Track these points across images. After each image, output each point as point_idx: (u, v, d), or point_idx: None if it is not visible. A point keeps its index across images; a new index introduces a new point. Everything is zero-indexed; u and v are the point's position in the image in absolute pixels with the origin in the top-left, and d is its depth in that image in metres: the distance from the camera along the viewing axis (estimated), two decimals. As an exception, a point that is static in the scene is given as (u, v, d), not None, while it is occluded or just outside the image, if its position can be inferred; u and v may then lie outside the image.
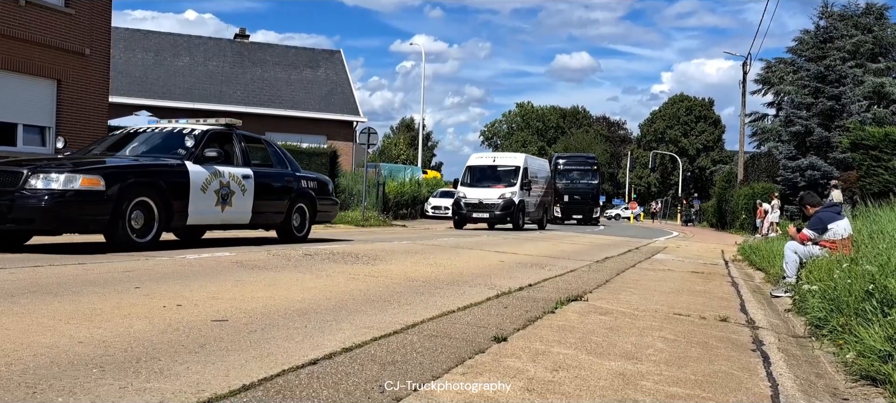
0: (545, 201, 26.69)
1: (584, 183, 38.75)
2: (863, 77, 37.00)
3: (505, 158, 25.27)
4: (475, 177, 23.81)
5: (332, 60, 38.58)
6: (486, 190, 22.88)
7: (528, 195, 23.78)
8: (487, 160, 25.25)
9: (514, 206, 22.50)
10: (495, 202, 22.47)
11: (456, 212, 23.14)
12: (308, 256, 8.52)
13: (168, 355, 3.28)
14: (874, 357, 3.87)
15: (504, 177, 23.50)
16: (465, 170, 24.55)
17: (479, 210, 22.57)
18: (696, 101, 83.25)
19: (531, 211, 24.26)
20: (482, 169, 24.34)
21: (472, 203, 22.73)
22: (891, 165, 16.99)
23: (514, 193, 22.70)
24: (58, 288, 5.06)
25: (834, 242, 7.93)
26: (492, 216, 22.37)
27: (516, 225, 22.64)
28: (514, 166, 24.00)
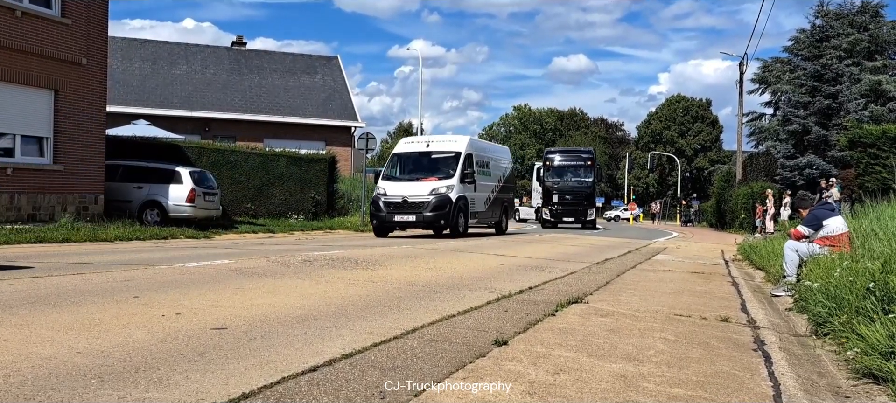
0: (503, 199, 21.67)
1: (577, 180, 32.50)
2: (859, 75, 37.10)
3: (442, 142, 19.51)
4: (404, 168, 18.83)
5: (329, 66, 38.62)
6: (414, 184, 17.78)
7: (474, 190, 18.77)
8: (419, 145, 19.55)
9: (451, 205, 17.21)
10: (424, 200, 17.20)
11: (374, 215, 17.80)
12: (307, 262, 8.51)
13: (167, 364, 3.27)
14: (876, 354, 3.86)
15: (440, 166, 18.32)
16: (391, 159, 19.39)
17: (403, 211, 17.28)
18: (693, 102, 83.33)
19: (480, 210, 19.40)
20: (412, 157, 19.05)
21: (393, 202, 17.36)
22: (888, 163, 17.00)
23: (451, 187, 17.43)
24: (56, 299, 5.04)
25: (832, 238, 7.93)
26: (420, 218, 17.16)
27: (455, 229, 17.40)
28: (452, 152, 18.50)
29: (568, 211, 31.83)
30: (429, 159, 18.79)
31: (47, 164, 15.39)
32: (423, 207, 17.19)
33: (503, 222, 21.71)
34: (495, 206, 20.82)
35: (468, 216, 18.24)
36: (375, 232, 17.98)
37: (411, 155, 19.20)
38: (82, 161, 15.92)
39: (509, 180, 23.08)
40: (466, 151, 18.52)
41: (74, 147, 15.81)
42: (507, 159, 23.40)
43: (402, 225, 17.64)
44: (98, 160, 16.36)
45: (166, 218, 16.46)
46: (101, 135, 16.71)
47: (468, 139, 19.47)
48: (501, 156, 22.88)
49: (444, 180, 17.72)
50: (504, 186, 21.94)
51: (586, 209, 32.10)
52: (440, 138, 20.30)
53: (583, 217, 31.88)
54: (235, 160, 21.44)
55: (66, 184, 15.57)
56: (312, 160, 23.88)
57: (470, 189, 18.48)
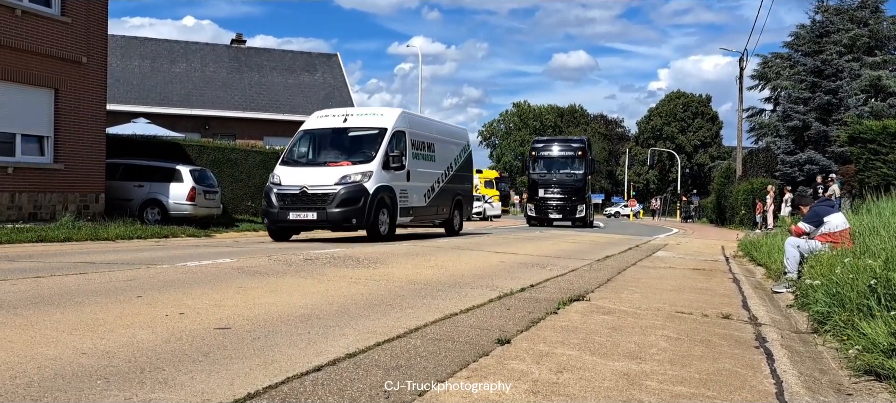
0: (456, 191, 17.67)
1: (566, 172, 28.82)
2: (860, 71, 37.09)
3: (364, 116, 15.33)
4: (312, 149, 14.90)
5: (329, 64, 38.60)
6: (319, 170, 13.75)
7: (407, 179, 14.75)
8: (334, 120, 15.17)
9: (367, 198, 13.26)
10: (330, 191, 13.17)
11: (265, 213, 13.95)
12: (309, 261, 8.52)
13: (172, 364, 3.28)
14: (878, 352, 3.87)
15: (359, 147, 14.39)
16: (295, 138, 15.12)
17: (300, 206, 13.22)
18: (693, 98, 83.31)
19: (417, 205, 15.39)
20: (323, 135, 14.91)
21: (288, 194, 13.35)
22: (889, 158, 17.01)
23: (368, 174, 13.43)
24: (60, 299, 5.06)
25: (832, 235, 7.95)
26: (322, 216, 13.13)
27: (373, 230, 13.57)
28: (375, 129, 14.45)
29: (556, 207, 28.49)
30: (345, 138, 14.68)
31: (48, 163, 15.40)
32: (328, 201, 13.08)
33: (456, 220, 17.67)
34: (443, 200, 16.82)
35: (396, 212, 14.24)
36: (271, 235, 13.94)
37: (322, 132, 14.89)
38: (83, 160, 15.93)
39: (465, 168, 18.85)
40: (395, 128, 14.45)
41: (75, 146, 15.81)
42: (461, 141, 18.93)
43: (298, 225, 13.54)
44: (98, 159, 16.39)
45: (167, 217, 16.48)
46: (102, 134, 16.71)
47: (399, 112, 15.31)
48: (453, 138, 18.39)
49: (360, 165, 13.59)
50: (457, 175, 17.83)
51: (576, 205, 28.52)
52: (362, 111, 16.07)
53: (572, 213, 28.42)
54: (235, 158, 21.45)
55: (66, 182, 15.58)
56: (313, 158, 23.88)
57: (399, 177, 14.40)
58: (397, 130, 14.65)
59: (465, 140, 19.44)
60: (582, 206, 28.49)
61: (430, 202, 16.14)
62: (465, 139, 19.54)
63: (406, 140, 14.96)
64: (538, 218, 28.59)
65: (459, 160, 18.31)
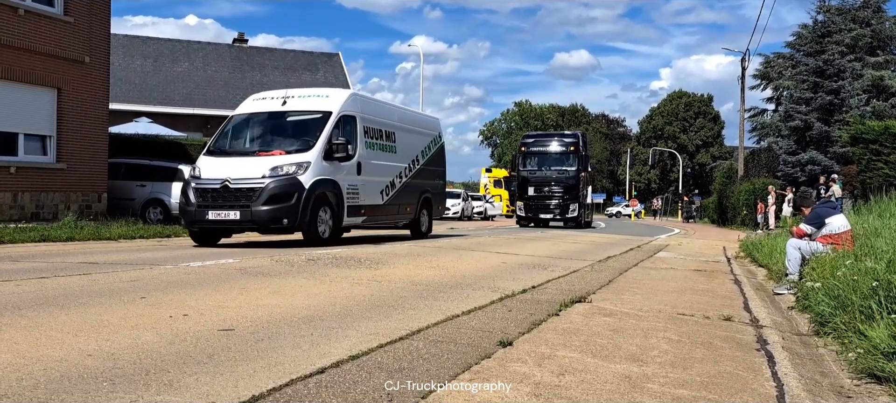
0: (424, 188, 15.66)
1: (558, 169, 27.13)
2: (862, 70, 37.07)
3: (306, 99, 13.10)
4: (243, 136, 12.86)
5: (330, 63, 38.64)
6: (246, 160, 11.68)
7: (358, 173, 12.69)
8: (272, 102, 13.06)
9: (302, 194, 11.21)
10: (256, 185, 11.08)
11: (182, 212, 11.78)
12: (311, 261, 8.55)
13: (177, 366, 3.30)
14: (879, 355, 3.88)
15: (297, 133, 12.40)
16: (227, 122, 13.16)
17: (220, 204, 11.13)
18: (695, 97, 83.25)
19: (373, 202, 13.38)
20: (257, 119, 12.88)
21: (208, 189, 11.29)
22: (891, 159, 17.01)
23: (305, 166, 11.40)
24: (64, 300, 5.08)
25: (834, 236, 7.96)
26: (247, 215, 11.00)
27: (310, 233, 11.52)
28: (318, 112, 12.44)
29: (546, 206, 26.93)
30: (282, 123, 12.65)
31: (50, 163, 15.45)
32: (254, 197, 10.97)
33: (423, 221, 15.74)
34: (407, 198, 14.85)
35: (342, 212, 12.16)
36: (193, 238, 11.94)
37: (257, 117, 12.85)
38: (85, 159, 15.98)
39: (436, 162, 16.58)
40: (342, 112, 12.43)
41: (77, 145, 15.86)
42: (431, 131, 16.64)
43: (217, 227, 11.35)
44: (101, 158, 16.44)
45: (169, 217, 16.51)
46: (104, 134, 16.76)
47: (349, 94, 13.39)
48: (421, 127, 16.21)
49: (296, 154, 11.52)
50: (425, 170, 15.74)
51: (568, 203, 26.82)
52: (307, 92, 13.53)
53: (564, 213, 26.80)
54: (238, 158, 21.42)
55: (69, 182, 15.63)
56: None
57: (347, 170, 12.31)
58: (345, 115, 12.57)
59: (435, 130, 17.09)
60: (575, 205, 26.94)
61: (389, 200, 14.10)
62: (436, 129, 17.19)
63: (357, 127, 12.84)
64: (528, 218, 27.21)
65: (428, 152, 16.14)
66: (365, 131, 13.21)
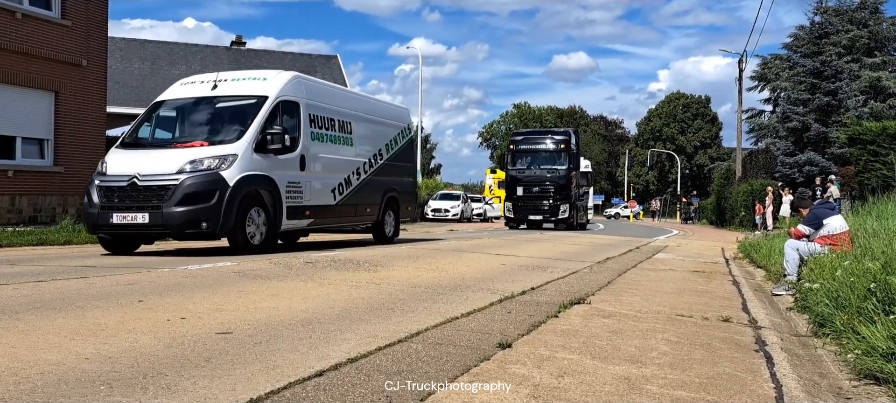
0: (389, 186, 13.97)
1: (548, 168, 26.11)
2: (859, 72, 37.13)
3: (241, 83, 11.29)
4: (166, 125, 11.41)
5: (328, 65, 38.64)
6: (160, 153, 10.21)
7: (302, 168, 11.13)
8: (202, 87, 11.34)
9: (224, 193, 9.56)
10: (169, 182, 9.50)
11: (85, 215, 10.32)
12: (310, 264, 8.53)
13: (174, 370, 3.29)
14: (877, 355, 3.88)
15: (227, 122, 10.73)
16: (147, 111, 11.53)
17: (126, 205, 9.53)
18: (693, 99, 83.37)
19: (324, 203, 11.79)
20: (183, 106, 11.31)
21: (113, 187, 9.71)
22: (889, 160, 17.03)
23: (228, 159, 9.76)
24: (61, 304, 5.07)
25: (832, 237, 7.97)
26: (157, 218, 9.40)
27: (237, 240, 9.91)
28: (252, 97, 10.78)
29: (536, 207, 25.91)
30: (210, 110, 10.98)
31: (48, 166, 15.43)
32: (165, 197, 9.37)
33: (388, 224, 14.12)
34: (367, 198, 13.17)
35: (281, 213, 10.57)
36: (103, 245, 10.35)
37: (182, 104, 11.25)
38: (83, 163, 15.97)
39: (405, 157, 14.94)
40: (281, 97, 10.85)
41: (75, 148, 15.85)
42: (398, 123, 14.81)
43: (124, 231, 9.72)
44: (98, 161, 16.39)
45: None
46: (102, 137, 16.76)
47: (291, 76, 11.51)
48: (386, 117, 14.43)
49: (220, 146, 9.93)
50: (390, 165, 14.06)
51: (559, 204, 25.75)
52: (241, 75, 11.72)
53: (554, 214, 25.74)
54: (236, 160, 21.41)
55: (66, 185, 15.61)
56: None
57: (287, 164, 10.72)
58: (286, 100, 10.94)
59: (404, 121, 15.23)
60: (566, 206, 25.91)
61: (343, 199, 12.36)
62: (405, 120, 15.38)
63: (301, 114, 11.21)
64: (517, 220, 26.27)
65: (395, 146, 14.36)
66: (311, 120, 11.54)
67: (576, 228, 26.53)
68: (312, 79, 13.16)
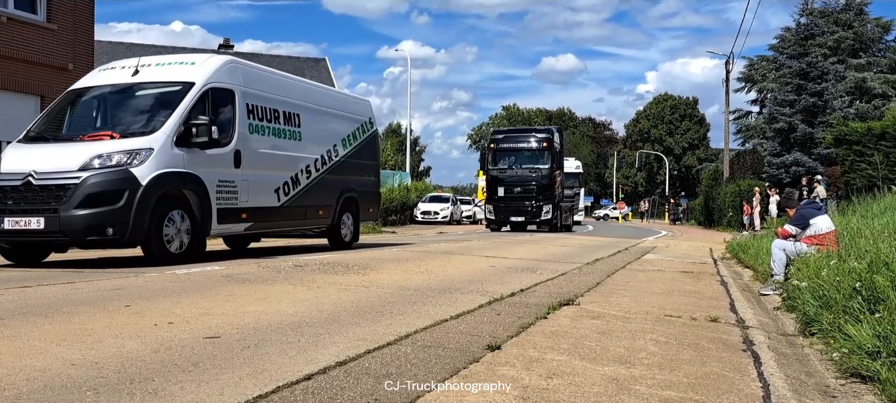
0: (345, 186, 12.74)
1: (529, 167, 25.16)
2: (844, 73, 37.49)
3: (164, 67, 10.05)
4: (78, 117, 9.90)
5: (317, 68, 38.58)
6: (60, 149, 8.85)
7: (237, 166, 9.87)
8: (122, 73, 10.00)
9: (134, 194, 8.32)
10: (68, 181, 8.22)
11: None
12: (298, 267, 8.51)
13: (161, 375, 3.27)
14: (863, 354, 3.91)
15: (145, 111, 9.51)
16: (57, 101, 10.14)
17: (21, 207, 8.26)
18: (680, 100, 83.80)
19: (261, 205, 10.49)
20: (100, 95, 9.87)
21: (6, 187, 8.41)
22: (874, 160, 17.18)
23: (141, 154, 8.53)
24: (47, 309, 5.03)
25: (819, 237, 8.03)
26: (55, 222, 8.10)
27: (152, 248, 8.66)
28: (175, 84, 9.56)
29: (517, 209, 24.91)
30: (128, 99, 9.70)
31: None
32: (64, 198, 8.13)
33: (346, 228, 12.88)
34: (319, 198, 11.99)
35: (210, 217, 9.33)
36: (3, 255, 9.05)
37: (98, 92, 9.86)
38: (70, 167, 15.84)
39: (364, 153, 13.60)
40: (211, 83, 9.59)
41: (61, 153, 15.71)
42: (359, 116, 13.58)
43: (19, 240, 8.51)
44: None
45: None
46: (89, 141, 16.61)
47: (223, 61, 10.26)
48: (342, 110, 13.22)
49: (132, 139, 8.69)
50: (348, 163, 12.88)
51: (541, 205, 24.73)
52: (167, 59, 10.40)
53: (536, 215, 24.78)
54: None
55: (53, 190, 15.47)
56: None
57: (218, 161, 9.52)
58: (217, 87, 9.69)
59: (364, 115, 13.85)
60: (549, 207, 24.89)
61: (290, 200, 11.15)
62: (366, 113, 13.97)
63: (236, 104, 9.95)
64: (498, 222, 25.29)
65: (354, 142, 13.13)
66: (250, 110, 10.31)
67: (560, 230, 25.83)
68: (252, 64, 11.64)
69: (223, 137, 9.62)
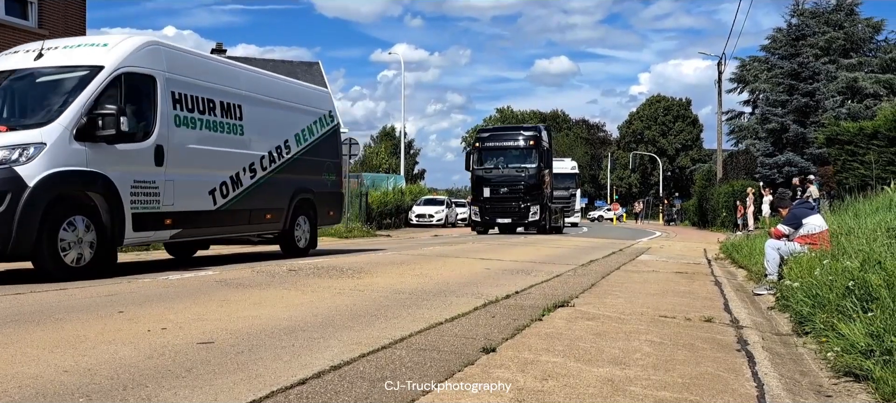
0: (299, 186, 11.46)
1: (515, 167, 24.39)
2: (836, 73, 37.67)
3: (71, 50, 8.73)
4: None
5: (310, 72, 38.53)
6: None
7: (159, 163, 8.72)
8: (24, 57, 8.78)
9: (18, 197, 6.98)
10: None
11: None
12: (293, 271, 8.49)
13: (155, 381, 3.26)
14: (856, 353, 3.93)
15: (44, 100, 8.21)
16: None
17: None
18: (673, 101, 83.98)
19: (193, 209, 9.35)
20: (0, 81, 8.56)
21: None
22: (866, 159, 17.26)
23: (33, 150, 7.22)
24: (40, 316, 5.00)
25: (811, 236, 8.06)
26: None
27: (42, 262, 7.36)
28: (81, 68, 8.24)
29: (504, 210, 24.11)
30: (28, 86, 8.60)
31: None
32: None
33: (300, 232, 11.60)
34: (267, 200, 10.64)
35: (123, 223, 8.15)
36: None
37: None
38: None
39: (322, 150, 12.27)
40: (126, 67, 8.42)
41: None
42: (316, 109, 12.31)
43: None
44: None
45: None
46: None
47: (142, 41, 8.98)
48: (294, 100, 11.78)
49: (22, 132, 7.50)
50: (300, 161, 11.51)
51: (528, 206, 23.93)
52: (76, 41, 9.34)
53: (523, 216, 24.01)
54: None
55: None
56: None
57: (134, 158, 8.38)
58: (131, 72, 8.46)
59: (323, 107, 12.61)
60: (536, 208, 24.06)
61: (230, 203, 9.83)
62: (325, 106, 12.76)
63: (157, 92, 8.75)
64: (485, 223, 24.54)
65: (310, 137, 11.85)
66: (177, 100, 9.05)
67: (549, 232, 25.11)
68: (180, 47, 10.11)
69: (140, 130, 8.46)
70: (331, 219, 13.26)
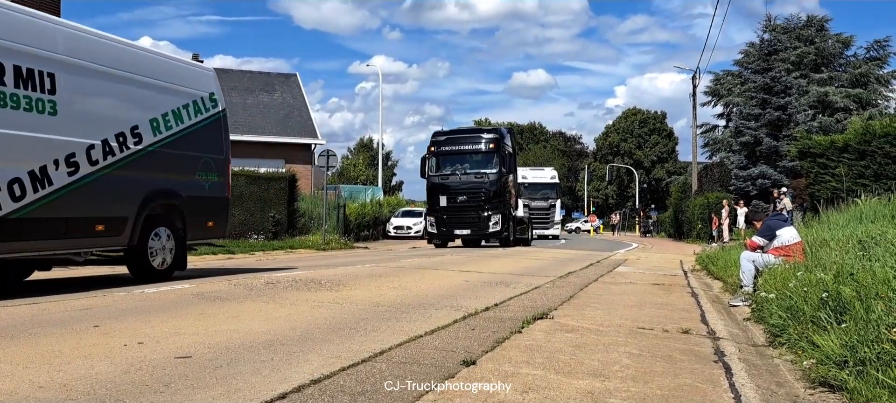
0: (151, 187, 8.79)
1: (475, 173, 22.53)
2: (807, 87, 38.36)
3: None
4: None
5: (288, 84, 38.39)
6: None
7: None
8: None
9: None
10: None
11: None
12: (270, 284, 8.43)
13: (132, 396, 3.21)
14: (831, 363, 3.99)
15: None
16: None
17: None
18: (649, 114, 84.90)
19: None
20: None
21: None
22: (837, 172, 17.55)
23: None
24: (13, 330, 4.91)
25: (785, 248, 8.17)
26: None
27: None
28: None
29: (462, 220, 22.19)
30: None
31: None
32: None
33: (157, 249, 8.94)
34: (102, 205, 8.06)
35: None
36: None
37: None
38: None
39: (199, 143, 9.81)
40: None
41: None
42: (185, 87, 9.66)
43: None
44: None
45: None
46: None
47: None
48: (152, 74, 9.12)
49: None
50: (159, 153, 9.00)
51: (489, 216, 22.04)
52: None
53: (483, 228, 22.11)
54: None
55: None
56: (272, 179, 23.64)
57: None
58: None
59: (201, 88, 10.03)
60: (497, 217, 22.13)
61: (31, 208, 7.14)
62: (205, 87, 10.14)
63: None
64: (442, 235, 22.64)
65: (177, 125, 9.34)
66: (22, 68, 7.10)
67: (513, 244, 23.33)
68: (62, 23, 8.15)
69: None
70: (210, 232, 10.27)
